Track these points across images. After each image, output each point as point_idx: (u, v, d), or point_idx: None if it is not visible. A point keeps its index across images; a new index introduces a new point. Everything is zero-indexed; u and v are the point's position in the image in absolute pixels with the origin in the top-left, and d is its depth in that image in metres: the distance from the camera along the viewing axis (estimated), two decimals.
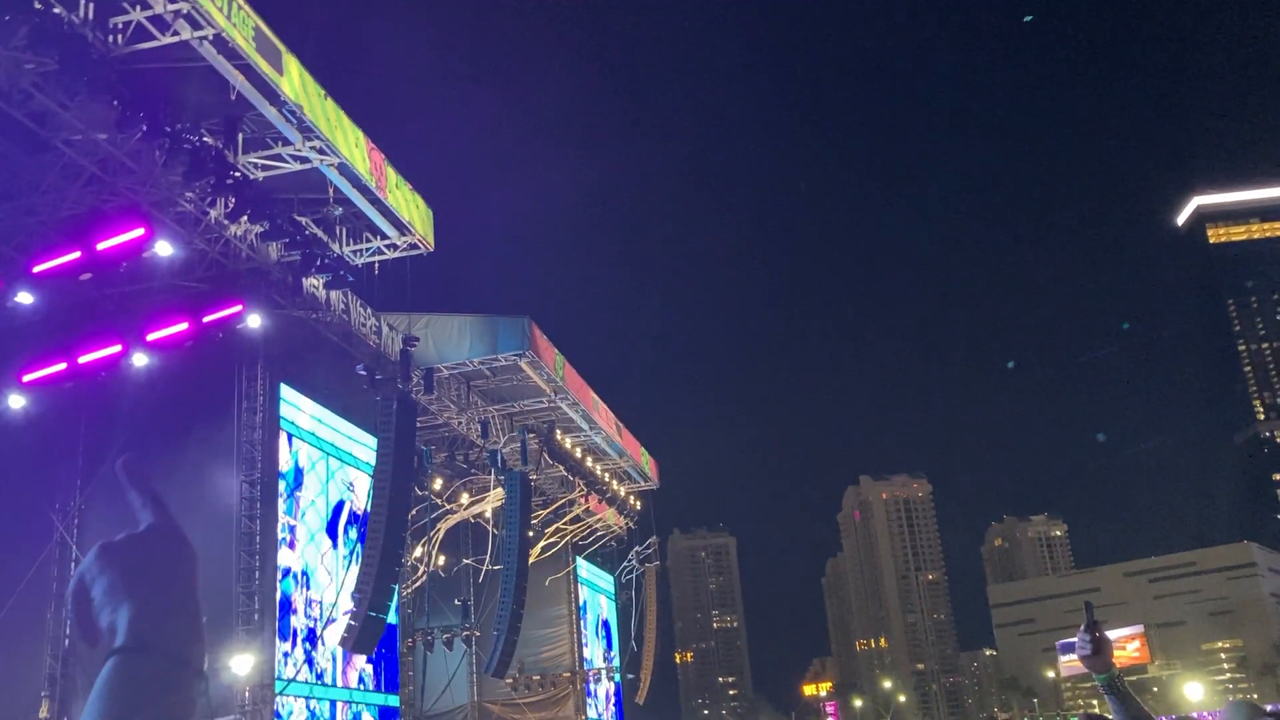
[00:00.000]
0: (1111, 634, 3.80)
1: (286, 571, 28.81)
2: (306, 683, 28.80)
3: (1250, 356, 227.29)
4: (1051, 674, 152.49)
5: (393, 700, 34.49)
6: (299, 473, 30.00)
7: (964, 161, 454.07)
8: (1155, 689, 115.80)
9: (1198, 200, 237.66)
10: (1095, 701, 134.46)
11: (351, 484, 32.73)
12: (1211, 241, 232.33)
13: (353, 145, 25.89)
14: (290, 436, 29.48)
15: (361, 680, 32.38)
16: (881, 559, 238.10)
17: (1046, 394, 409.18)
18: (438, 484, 37.99)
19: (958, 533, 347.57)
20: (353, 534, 32.03)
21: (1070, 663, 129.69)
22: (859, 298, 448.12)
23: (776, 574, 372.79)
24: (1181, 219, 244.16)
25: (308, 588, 29.93)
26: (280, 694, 26.63)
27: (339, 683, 30.80)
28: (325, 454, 31.59)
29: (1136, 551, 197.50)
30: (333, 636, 29.53)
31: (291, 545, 29.38)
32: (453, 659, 41.29)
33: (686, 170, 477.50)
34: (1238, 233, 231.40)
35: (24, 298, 22.34)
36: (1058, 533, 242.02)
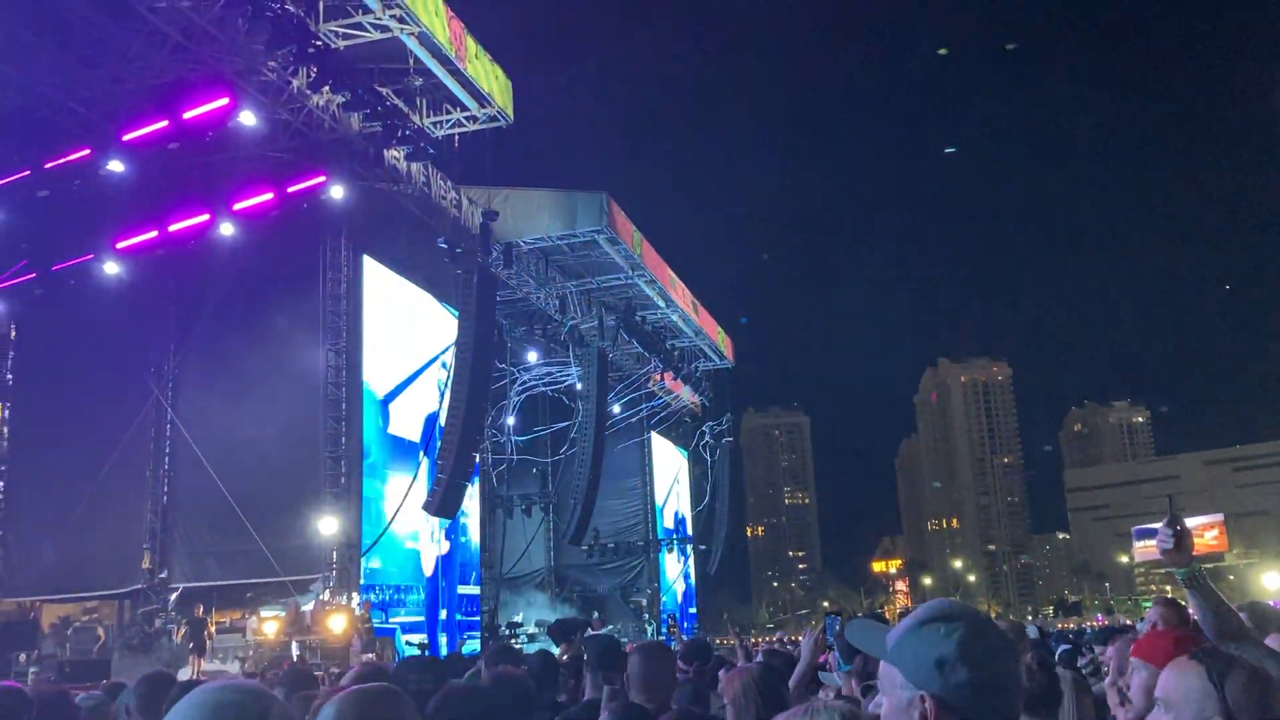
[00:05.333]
0: (1190, 522, 3.71)
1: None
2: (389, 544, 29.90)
3: None
4: (1125, 559, 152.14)
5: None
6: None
7: (1056, 35, 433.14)
8: (1231, 577, 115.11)
9: None
10: (1169, 588, 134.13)
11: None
12: None
13: (433, 14, 25.58)
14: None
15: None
16: (957, 441, 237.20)
17: (1135, 277, 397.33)
18: (533, 357, 38.93)
19: (1036, 417, 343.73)
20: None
21: (1145, 549, 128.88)
22: (944, 177, 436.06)
23: (849, 453, 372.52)
24: None
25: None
26: (365, 554, 27.72)
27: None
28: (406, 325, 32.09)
29: (1221, 441, 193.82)
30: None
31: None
32: (530, 525, 42.53)
33: (767, 41, 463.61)
34: None
35: (115, 166, 22.80)
36: (1139, 419, 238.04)
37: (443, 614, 31.95)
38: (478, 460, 31.23)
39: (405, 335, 31.24)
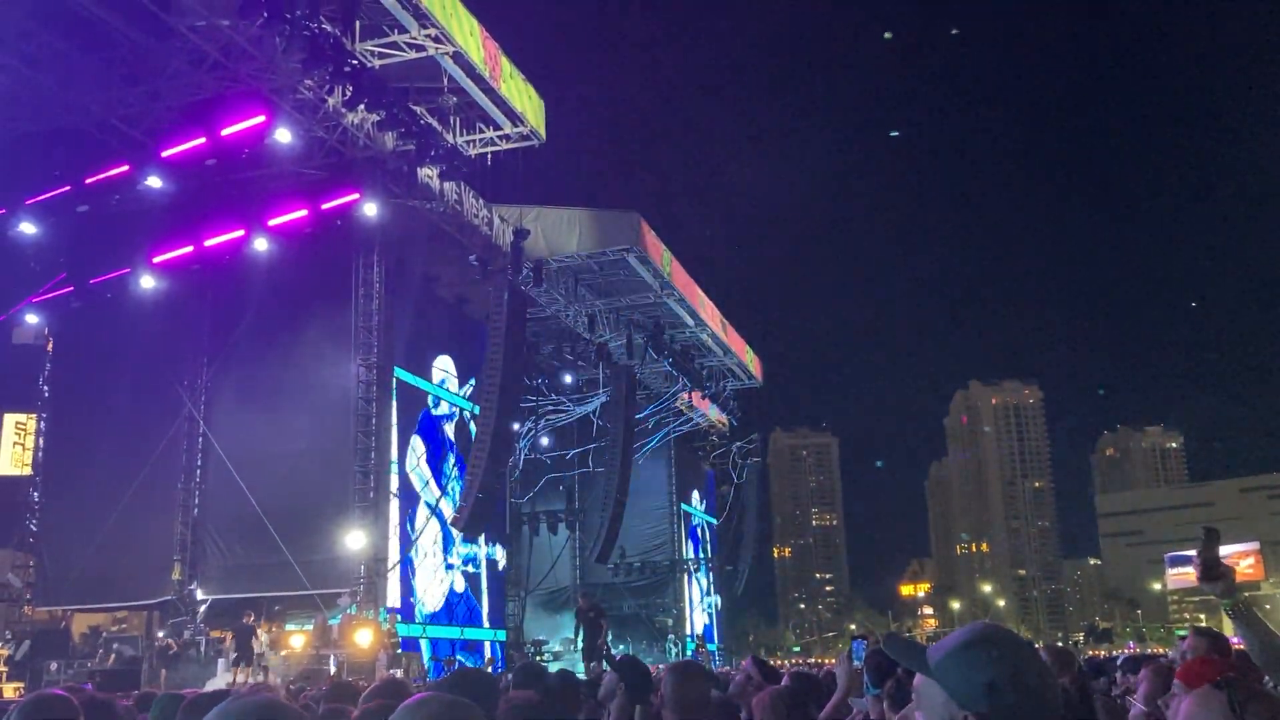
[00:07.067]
0: (1225, 550, 3.68)
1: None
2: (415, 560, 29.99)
3: None
4: (1158, 586, 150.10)
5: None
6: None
7: (1092, 57, 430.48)
8: (1268, 606, 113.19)
9: None
10: (1203, 615, 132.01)
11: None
12: None
13: (468, 34, 25.80)
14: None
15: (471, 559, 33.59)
16: (988, 464, 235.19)
17: (1170, 302, 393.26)
18: (569, 379, 39.08)
19: (1068, 441, 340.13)
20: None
21: (1178, 575, 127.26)
22: (975, 196, 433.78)
23: (878, 475, 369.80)
24: None
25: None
26: (392, 569, 27.80)
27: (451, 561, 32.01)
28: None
29: (1257, 468, 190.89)
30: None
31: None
32: (557, 542, 42.55)
33: (802, 61, 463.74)
34: None
35: (154, 182, 23.18)
36: (1173, 445, 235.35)
37: (463, 632, 32.01)
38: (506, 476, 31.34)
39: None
